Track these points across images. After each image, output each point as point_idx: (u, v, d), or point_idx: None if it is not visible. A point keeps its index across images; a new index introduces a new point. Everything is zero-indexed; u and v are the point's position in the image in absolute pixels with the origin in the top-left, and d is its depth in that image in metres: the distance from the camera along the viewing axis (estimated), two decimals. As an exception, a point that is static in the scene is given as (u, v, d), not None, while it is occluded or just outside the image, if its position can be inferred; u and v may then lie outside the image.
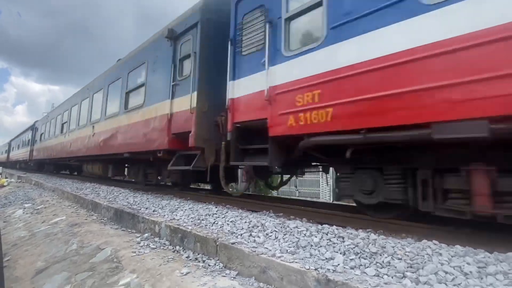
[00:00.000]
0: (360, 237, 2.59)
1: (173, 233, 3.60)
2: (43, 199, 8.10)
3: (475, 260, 1.98)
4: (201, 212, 4.23)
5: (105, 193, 7.17)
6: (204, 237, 3.13)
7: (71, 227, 4.87)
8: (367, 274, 2.05)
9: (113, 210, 5.21)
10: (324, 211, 4.10)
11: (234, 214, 3.94)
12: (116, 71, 8.96)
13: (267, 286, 2.36)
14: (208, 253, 3.05)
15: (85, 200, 6.58)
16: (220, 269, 2.76)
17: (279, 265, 2.34)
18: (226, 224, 3.55)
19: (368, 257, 2.26)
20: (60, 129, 14.16)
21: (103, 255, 3.43)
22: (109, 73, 9.64)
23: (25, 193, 9.87)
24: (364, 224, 3.37)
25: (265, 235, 3.04)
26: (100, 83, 10.15)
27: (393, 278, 1.96)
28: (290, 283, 2.23)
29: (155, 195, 6.48)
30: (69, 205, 6.97)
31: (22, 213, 6.82)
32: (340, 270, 2.11)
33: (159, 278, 2.61)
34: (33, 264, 3.71)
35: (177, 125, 5.80)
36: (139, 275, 2.77)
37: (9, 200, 9.04)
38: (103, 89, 9.69)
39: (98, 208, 5.81)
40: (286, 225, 3.18)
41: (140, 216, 4.39)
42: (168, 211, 4.62)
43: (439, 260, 2.03)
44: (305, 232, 2.90)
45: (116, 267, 3.05)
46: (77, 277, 3.05)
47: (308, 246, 2.63)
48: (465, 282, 1.77)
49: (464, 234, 2.83)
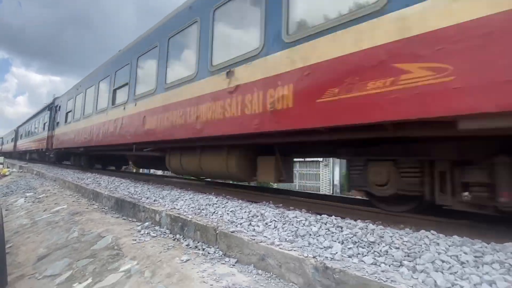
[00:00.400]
0: (358, 227, 2.61)
1: (174, 222, 3.63)
2: (44, 189, 8.15)
3: (472, 249, 2.00)
4: (201, 202, 4.26)
5: (106, 183, 7.21)
6: (204, 225, 3.16)
7: (72, 215, 4.91)
8: (365, 262, 2.07)
9: (114, 199, 5.24)
10: (323, 202, 4.13)
11: (234, 204, 3.97)
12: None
13: (266, 273, 2.39)
14: (208, 241, 3.08)
15: (86, 190, 6.62)
16: (220, 256, 2.79)
17: (278, 253, 2.36)
18: (226, 214, 3.58)
19: (366, 246, 2.29)
20: (109, 101, 8.65)
21: (104, 242, 3.47)
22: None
23: (26, 182, 9.93)
24: (363, 215, 3.39)
25: (264, 225, 3.06)
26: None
27: (390, 266, 1.99)
28: (288, 270, 2.26)
29: (156, 186, 6.51)
30: (70, 194, 7.02)
31: (24, 202, 6.88)
32: (338, 258, 2.13)
33: (159, 265, 2.64)
34: (35, 251, 3.75)
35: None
36: (140, 262, 2.81)
37: (11, 189, 9.10)
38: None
39: (99, 198, 5.85)
40: (285, 215, 3.20)
41: (141, 205, 4.42)
42: (169, 201, 4.65)
43: (436, 249, 2.05)
44: (304, 222, 2.93)
45: (116, 254, 3.09)
46: (78, 263, 3.09)
47: (307, 235, 2.65)
48: (462, 270, 1.79)
49: (463, 226, 2.86)
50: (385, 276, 1.83)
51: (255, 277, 2.35)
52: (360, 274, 1.87)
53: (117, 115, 7.92)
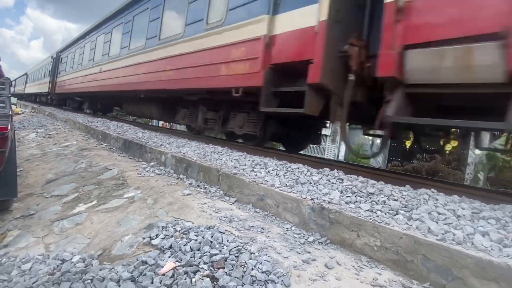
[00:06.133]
0: (359, 181, 2.63)
1: (178, 163, 3.71)
2: (55, 127, 8.33)
3: (470, 206, 2.02)
4: (207, 150, 4.32)
5: (115, 127, 7.32)
6: (208, 167, 3.22)
7: (81, 150, 5.05)
8: (361, 208, 2.10)
9: (122, 140, 5.34)
10: (328, 162, 4.14)
11: (238, 154, 4.01)
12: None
13: (263, 212, 2.46)
14: (210, 182, 3.16)
15: (96, 131, 6.74)
16: (220, 195, 2.87)
17: (277, 193, 2.41)
18: (230, 161, 3.63)
19: (365, 196, 2.31)
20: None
21: (110, 174, 3.58)
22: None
23: (38, 120, 10.14)
24: (367, 175, 3.39)
25: (266, 172, 3.11)
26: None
27: (386, 214, 2.02)
28: (285, 210, 2.32)
29: (163, 134, 6.60)
30: (80, 134, 7.17)
31: (35, 136, 7.06)
32: (335, 203, 2.17)
33: (161, 195, 2.73)
34: (44, 176, 3.90)
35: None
36: (143, 191, 2.90)
37: (23, 125, 9.31)
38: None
39: (108, 138, 5.96)
40: (288, 166, 3.24)
41: (147, 146, 4.50)
42: (175, 146, 4.73)
43: (434, 203, 2.07)
44: (305, 172, 2.96)
45: (122, 184, 3.20)
46: (85, 188, 3.21)
47: (307, 183, 2.69)
48: (457, 222, 1.82)
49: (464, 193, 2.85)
50: (380, 219, 1.87)
51: (252, 213, 2.43)
52: (355, 215, 1.91)
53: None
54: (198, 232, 1.92)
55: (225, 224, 2.09)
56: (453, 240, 1.61)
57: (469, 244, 1.58)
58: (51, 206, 2.92)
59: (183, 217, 2.26)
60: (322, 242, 1.97)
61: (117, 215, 2.51)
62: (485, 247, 1.55)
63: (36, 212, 2.86)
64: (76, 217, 2.59)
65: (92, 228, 2.36)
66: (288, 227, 2.17)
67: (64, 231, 2.40)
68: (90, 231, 2.33)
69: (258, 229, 2.07)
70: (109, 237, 2.18)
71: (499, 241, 1.60)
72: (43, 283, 1.64)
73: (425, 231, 1.73)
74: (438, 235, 1.66)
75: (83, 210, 2.73)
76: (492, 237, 1.64)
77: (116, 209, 2.63)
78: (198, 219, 2.18)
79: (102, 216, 2.53)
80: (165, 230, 2.02)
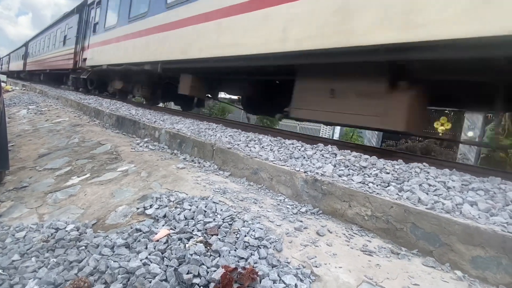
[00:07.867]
0: (352, 155, 2.64)
1: (172, 138, 3.69)
2: (47, 104, 8.18)
3: (460, 179, 2.05)
4: (201, 126, 4.29)
5: (108, 104, 7.21)
6: (202, 142, 3.21)
7: (74, 126, 4.98)
8: (354, 181, 2.13)
9: (115, 117, 5.28)
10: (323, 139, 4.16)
11: (233, 130, 4.00)
12: None
13: (257, 185, 2.48)
14: (204, 157, 3.16)
15: (88, 108, 6.64)
16: (215, 169, 2.87)
17: (271, 167, 2.43)
18: (225, 137, 3.61)
19: (357, 169, 2.34)
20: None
21: (103, 148, 3.56)
22: None
23: (29, 97, 9.94)
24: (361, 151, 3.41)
25: (260, 147, 3.11)
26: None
27: (378, 186, 2.04)
28: (278, 182, 2.34)
29: (157, 111, 6.53)
30: (72, 111, 7.06)
31: (26, 113, 6.93)
32: (328, 175, 2.19)
33: (155, 168, 2.73)
34: (36, 150, 3.86)
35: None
36: (137, 165, 2.90)
37: (14, 102, 9.12)
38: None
39: (101, 115, 5.88)
40: (282, 142, 3.24)
41: (141, 123, 4.46)
42: (169, 123, 4.68)
43: (425, 176, 2.10)
44: (300, 147, 2.97)
45: (115, 158, 3.18)
46: (78, 162, 3.19)
47: (301, 158, 2.70)
48: (447, 193, 1.85)
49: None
50: (372, 190, 1.89)
51: (246, 186, 2.45)
52: (347, 186, 1.94)
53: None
54: (192, 202, 1.93)
55: (219, 195, 2.10)
56: (442, 209, 1.64)
57: (458, 213, 1.62)
58: (44, 179, 2.91)
59: (177, 189, 2.27)
60: (315, 212, 2.00)
61: (111, 187, 2.51)
62: (473, 215, 1.58)
63: (29, 185, 2.85)
64: (69, 189, 2.59)
65: (86, 200, 2.37)
66: (281, 199, 2.19)
67: (58, 202, 2.40)
68: (84, 202, 2.33)
69: (251, 200, 2.09)
70: (103, 207, 2.19)
71: (486, 210, 1.64)
72: (37, 249, 1.65)
73: (415, 201, 1.76)
74: (427, 204, 1.69)
75: (76, 182, 2.72)
76: (480, 207, 1.68)
77: (110, 181, 2.62)
78: (192, 190, 2.20)
79: (96, 188, 2.53)
80: (159, 201, 2.03)
